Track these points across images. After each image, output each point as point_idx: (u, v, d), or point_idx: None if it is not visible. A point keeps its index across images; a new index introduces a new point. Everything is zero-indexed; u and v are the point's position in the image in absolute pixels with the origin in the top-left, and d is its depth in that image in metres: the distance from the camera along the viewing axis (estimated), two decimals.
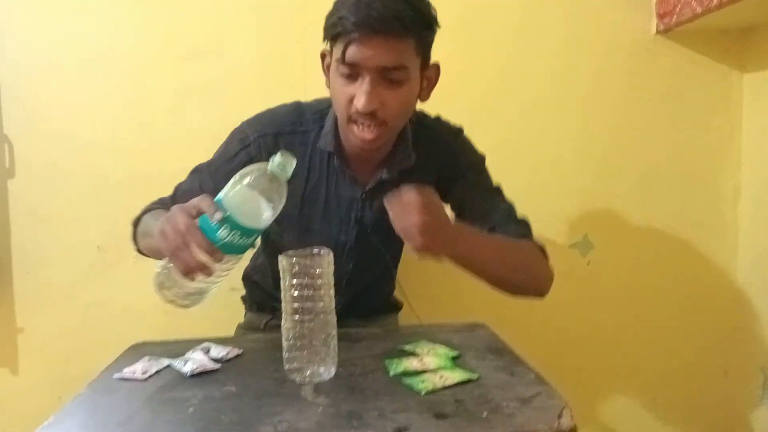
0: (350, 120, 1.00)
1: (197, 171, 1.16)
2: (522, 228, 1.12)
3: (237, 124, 1.17)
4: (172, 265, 0.81)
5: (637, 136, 1.64)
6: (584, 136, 1.63)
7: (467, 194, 1.15)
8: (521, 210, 1.19)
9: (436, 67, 1.06)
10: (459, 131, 1.21)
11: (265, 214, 0.81)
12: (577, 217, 1.65)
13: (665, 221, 1.66)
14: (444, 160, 1.16)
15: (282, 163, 0.81)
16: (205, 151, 1.20)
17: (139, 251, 1.15)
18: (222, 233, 0.78)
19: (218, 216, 0.78)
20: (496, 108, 1.60)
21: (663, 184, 1.65)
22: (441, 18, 1.00)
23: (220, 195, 0.82)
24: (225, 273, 0.85)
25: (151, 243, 1.02)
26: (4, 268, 1.53)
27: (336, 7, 0.97)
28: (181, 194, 1.13)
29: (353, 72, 0.96)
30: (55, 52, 1.52)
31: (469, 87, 1.58)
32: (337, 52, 0.96)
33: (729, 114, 1.64)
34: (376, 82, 0.95)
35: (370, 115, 0.97)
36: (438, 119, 1.21)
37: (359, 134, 1.00)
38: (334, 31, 0.95)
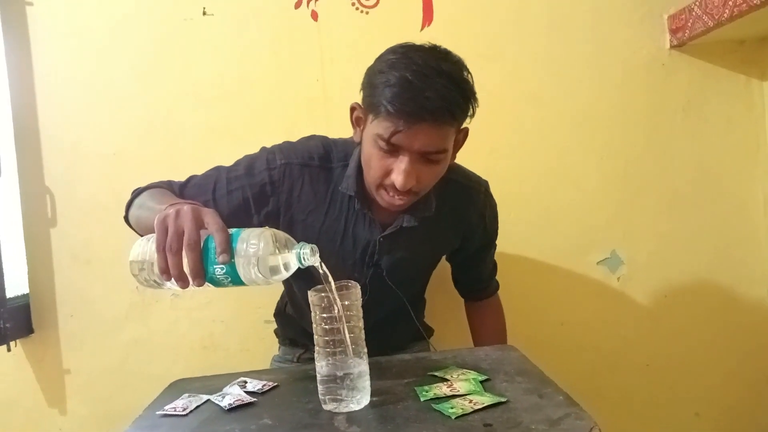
0: (381, 186, 1.02)
1: (216, 170, 1.15)
2: (495, 285, 1.39)
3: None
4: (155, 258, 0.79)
5: (660, 150, 1.64)
6: (607, 153, 1.64)
7: (474, 255, 1.28)
8: (546, 229, 1.44)
9: (466, 131, 1.06)
10: (487, 189, 1.23)
11: (261, 280, 0.78)
12: (604, 234, 1.65)
13: (695, 233, 1.65)
14: (474, 222, 1.22)
15: (309, 255, 0.79)
16: None
17: (126, 219, 1.12)
18: (217, 270, 0.76)
19: (223, 259, 0.75)
20: (517, 127, 1.62)
21: (690, 197, 1.65)
22: (468, 45, 1.01)
23: (239, 236, 0.77)
24: (195, 290, 0.81)
25: (142, 219, 1.01)
26: (49, 312, 1.60)
27: (382, 83, 0.93)
28: (192, 186, 1.13)
29: (394, 149, 0.96)
30: (91, 103, 1.60)
31: (487, 107, 1.59)
32: (379, 128, 0.95)
33: (752, 123, 1.64)
34: (415, 161, 0.96)
35: (405, 191, 0.99)
36: (467, 174, 1.21)
37: (388, 200, 1.02)
38: (379, 109, 0.93)
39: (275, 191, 1.10)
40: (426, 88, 0.90)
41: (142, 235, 0.93)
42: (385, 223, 1.12)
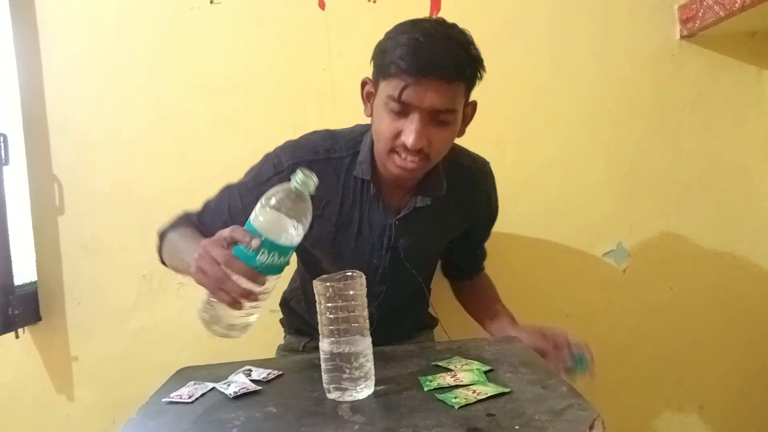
0: (393, 151, 1.03)
1: (227, 190, 1.18)
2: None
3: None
4: (214, 300, 0.84)
5: (668, 142, 1.63)
6: (615, 145, 1.63)
7: (478, 235, 1.31)
8: (553, 221, 1.48)
9: (474, 104, 1.08)
10: (490, 169, 1.26)
11: (297, 231, 0.84)
12: (610, 226, 1.64)
13: (702, 226, 1.64)
14: (482, 204, 1.25)
15: (304, 180, 0.83)
16: None
17: (163, 262, 1.19)
18: (261, 257, 0.81)
19: (256, 243, 0.80)
20: (525, 119, 1.62)
21: (698, 190, 1.64)
22: (475, 36, 1.02)
23: (250, 221, 0.83)
24: (266, 295, 0.86)
25: (177, 265, 1.09)
26: (57, 300, 1.62)
27: (391, 46, 0.98)
28: (209, 212, 1.18)
29: (404, 109, 0.98)
30: (99, 93, 1.61)
31: (496, 99, 1.60)
32: (389, 89, 0.98)
33: (763, 115, 1.62)
34: (425, 121, 0.98)
35: (416, 151, 1.00)
36: (470, 155, 1.23)
37: (401, 164, 1.02)
38: (389, 70, 0.97)
39: None
40: (435, 47, 0.95)
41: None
42: (399, 206, 1.15)
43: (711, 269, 1.64)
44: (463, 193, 1.19)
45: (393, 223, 1.14)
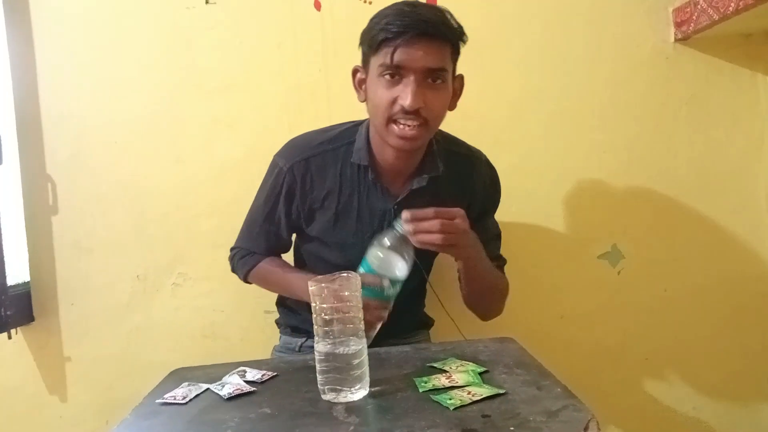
0: (391, 120, 1.05)
1: (258, 212, 1.26)
2: (502, 263, 1.30)
3: (264, 154, 1.23)
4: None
5: (663, 144, 1.63)
6: (610, 147, 1.63)
7: (482, 225, 1.25)
8: (548, 222, 1.44)
9: (461, 77, 1.13)
10: (487, 159, 1.28)
11: (403, 268, 1.00)
12: (605, 228, 1.65)
13: (696, 229, 1.64)
14: (479, 191, 1.24)
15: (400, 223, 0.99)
16: (235, 182, 1.26)
17: (246, 280, 1.32)
18: (388, 291, 1.00)
19: (386, 283, 0.99)
20: (520, 121, 1.62)
21: (693, 192, 1.64)
22: (470, 38, 1.07)
23: (368, 267, 1.01)
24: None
25: (287, 293, 1.28)
26: (50, 300, 1.61)
27: (377, 20, 1.04)
28: (257, 235, 1.27)
29: (397, 75, 1.02)
30: (93, 92, 1.60)
31: (491, 100, 1.61)
32: (381, 57, 1.02)
33: (757, 118, 1.63)
34: (420, 83, 1.01)
35: (414, 114, 1.02)
36: (465, 144, 1.27)
37: (400, 133, 1.05)
38: (379, 38, 1.01)
39: (294, 193, 1.19)
40: (419, 10, 1.01)
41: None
42: (397, 192, 1.17)
43: (705, 271, 1.65)
44: (460, 177, 1.21)
45: (392, 207, 1.16)
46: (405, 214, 1.00)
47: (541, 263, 1.63)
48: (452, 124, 1.24)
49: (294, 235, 1.31)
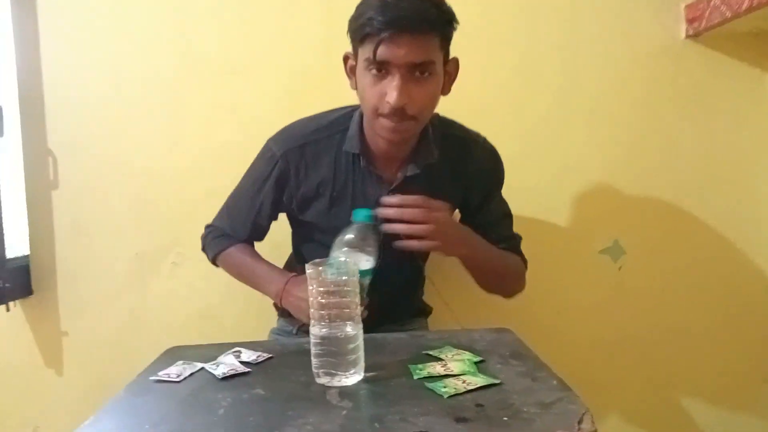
0: (380, 116, 1.04)
1: (236, 197, 1.26)
2: (515, 242, 1.27)
3: (264, 139, 1.22)
4: None
5: (668, 140, 1.62)
6: (614, 142, 1.62)
7: (488, 216, 1.24)
8: (550, 216, 1.42)
9: (455, 61, 1.10)
10: (485, 141, 1.25)
11: (368, 261, 1.01)
12: (607, 222, 1.64)
13: (700, 226, 1.64)
14: (475, 174, 1.22)
15: (368, 214, 1.01)
16: (235, 165, 1.25)
17: (215, 263, 1.32)
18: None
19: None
20: (523, 114, 1.61)
21: (696, 189, 1.63)
22: (478, 31, 1.04)
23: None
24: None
25: (251, 285, 1.25)
26: (48, 275, 1.61)
27: (361, 10, 1.01)
28: (234, 218, 1.27)
29: (383, 70, 1.00)
30: (95, 70, 1.59)
31: (492, 93, 1.59)
32: (366, 52, 1.00)
33: (763, 117, 1.61)
34: (405, 78, 1.00)
35: (400, 110, 1.01)
36: (462, 127, 1.25)
37: (387, 127, 1.04)
38: (362, 32, 1.00)
39: (287, 180, 1.18)
40: (402, 2, 0.97)
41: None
42: (391, 179, 1.16)
43: (708, 269, 1.64)
44: (456, 162, 1.19)
45: (387, 194, 1.13)
46: (386, 202, 1.00)
47: (541, 256, 1.61)
48: (452, 116, 1.23)
49: (271, 225, 1.29)
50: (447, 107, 1.17)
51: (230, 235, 1.28)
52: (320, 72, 1.57)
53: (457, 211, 1.27)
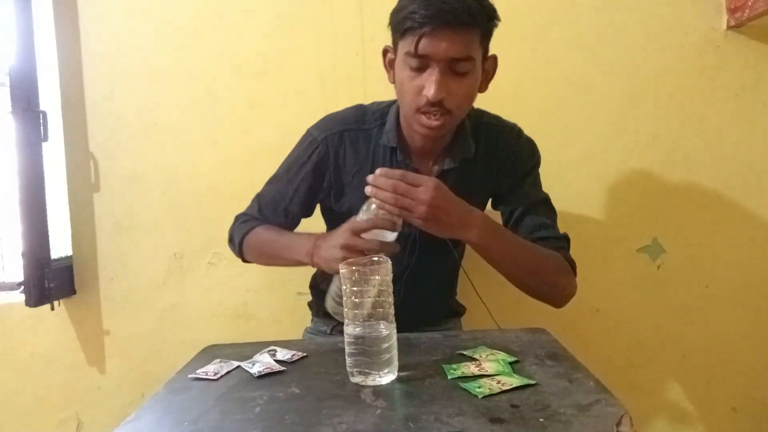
0: (418, 110, 1.04)
1: (275, 180, 1.25)
2: (559, 242, 1.15)
3: (300, 137, 1.23)
4: (335, 299, 1.03)
5: (710, 136, 1.57)
6: (655, 138, 1.58)
7: (520, 202, 1.17)
8: (588, 212, 1.36)
9: (494, 58, 1.09)
10: (520, 130, 1.23)
11: (390, 237, 1.00)
12: (646, 220, 1.60)
13: (742, 225, 1.59)
14: (505, 159, 1.19)
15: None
16: (271, 165, 1.26)
17: (245, 261, 1.26)
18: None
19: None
20: (561, 109, 1.59)
21: (740, 186, 1.58)
22: (513, 26, 1.03)
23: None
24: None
25: (278, 262, 1.20)
26: (91, 275, 1.66)
27: (403, 3, 1.01)
28: (265, 204, 1.25)
29: (422, 64, 1.00)
30: (135, 75, 1.63)
31: (531, 88, 1.57)
32: (407, 45, 1.01)
33: None
34: (444, 73, 1.00)
35: (438, 105, 1.01)
36: (497, 117, 1.23)
37: (426, 123, 1.04)
38: (403, 26, 1.00)
39: (327, 165, 1.19)
40: None
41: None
42: (428, 173, 1.15)
43: (749, 269, 1.59)
44: (489, 152, 1.18)
45: None
46: (369, 177, 0.97)
47: (578, 254, 1.57)
48: (492, 107, 1.22)
49: (305, 218, 1.27)
50: (484, 101, 1.16)
51: (258, 218, 1.25)
52: (355, 70, 1.58)
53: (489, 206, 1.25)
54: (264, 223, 1.23)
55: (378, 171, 0.96)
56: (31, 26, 1.54)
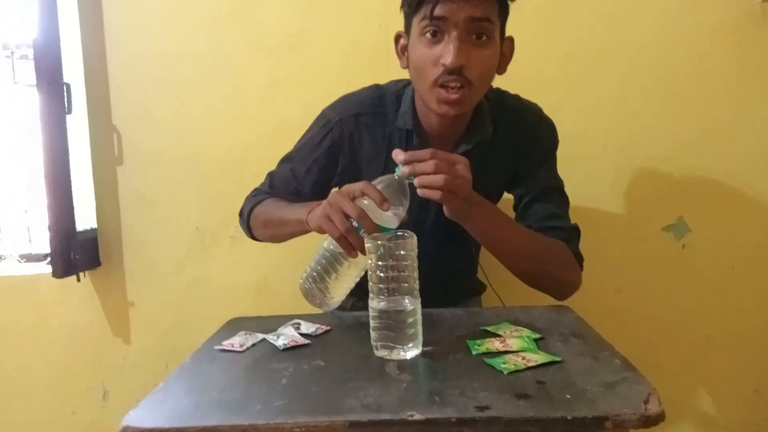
0: (435, 84, 1.00)
1: (288, 160, 1.23)
2: (567, 233, 1.13)
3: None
4: (317, 275, 0.99)
5: (744, 114, 1.53)
6: (686, 115, 1.55)
7: (532, 188, 1.16)
8: (612, 190, 1.39)
9: (511, 40, 1.07)
10: (541, 112, 1.19)
11: (397, 214, 0.94)
12: (672, 198, 1.58)
13: None
14: (524, 142, 1.16)
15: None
16: (293, 140, 1.26)
17: (254, 238, 1.26)
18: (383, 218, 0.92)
19: (387, 206, 0.90)
20: (587, 86, 1.56)
21: None
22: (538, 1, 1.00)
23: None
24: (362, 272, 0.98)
25: (280, 231, 1.16)
26: (115, 248, 1.68)
27: None
28: (277, 182, 1.23)
29: (439, 30, 0.97)
30: (158, 49, 1.63)
31: (556, 64, 1.54)
32: (423, 13, 0.98)
33: None
34: (463, 38, 0.97)
35: (457, 73, 0.98)
36: (518, 97, 1.20)
37: (444, 97, 1.00)
38: None
39: (341, 148, 1.16)
40: None
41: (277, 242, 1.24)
42: None
43: None
44: (509, 136, 1.15)
45: None
46: (400, 155, 0.93)
47: (601, 233, 1.58)
48: (514, 88, 1.20)
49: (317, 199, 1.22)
50: (510, 81, 1.14)
51: (269, 193, 1.23)
52: (377, 46, 1.56)
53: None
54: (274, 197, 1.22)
55: (405, 155, 0.92)
56: None
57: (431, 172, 0.91)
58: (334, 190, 0.93)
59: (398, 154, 0.94)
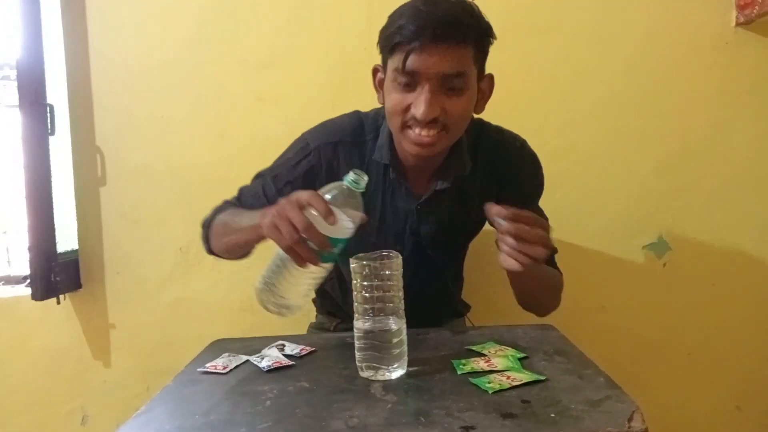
0: (405, 126, 0.99)
1: (260, 177, 1.20)
2: (553, 257, 1.16)
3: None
4: (272, 282, 0.89)
5: (719, 133, 1.57)
6: (663, 134, 1.58)
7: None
8: (594, 209, 1.41)
9: (490, 77, 1.05)
10: (523, 143, 1.17)
11: (349, 225, 0.85)
12: (652, 217, 1.60)
13: (750, 223, 1.59)
14: (507, 176, 1.14)
15: (356, 179, 0.84)
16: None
17: (211, 251, 1.18)
18: (328, 253, 0.85)
19: (333, 219, 0.81)
20: (569, 104, 1.58)
21: (749, 185, 1.58)
22: (521, 19, 0.99)
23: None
24: (320, 280, 0.91)
25: (235, 239, 1.06)
26: (97, 269, 1.66)
27: (393, 19, 0.96)
28: (246, 197, 1.18)
29: (412, 81, 0.95)
30: (141, 68, 1.62)
31: (538, 83, 1.57)
32: (395, 62, 0.95)
33: None
34: (435, 91, 0.94)
35: (432, 122, 0.96)
36: (500, 129, 1.17)
37: (416, 138, 0.98)
38: (392, 41, 0.94)
39: (317, 175, 1.12)
40: (435, 11, 0.92)
41: (232, 256, 1.12)
42: (421, 191, 1.11)
43: (756, 268, 1.59)
44: (487, 166, 1.13)
45: (415, 208, 1.11)
46: (498, 210, 0.87)
47: (583, 251, 1.60)
48: (498, 106, 1.20)
49: None
50: (491, 102, 1.14)
51: (235, 205, 1.17)
52: (362, 65, 1.56)
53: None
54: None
55: (503, 211, 0.87)
56: (39, 19, 1.54)
57: (531, 241, 0.85)
58: (282, 199, 0.86)
59: (499, 211, 0.87)
